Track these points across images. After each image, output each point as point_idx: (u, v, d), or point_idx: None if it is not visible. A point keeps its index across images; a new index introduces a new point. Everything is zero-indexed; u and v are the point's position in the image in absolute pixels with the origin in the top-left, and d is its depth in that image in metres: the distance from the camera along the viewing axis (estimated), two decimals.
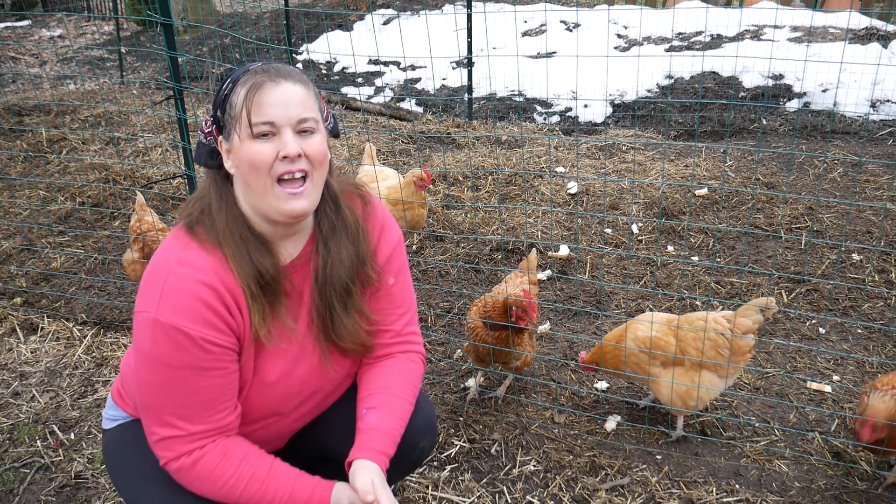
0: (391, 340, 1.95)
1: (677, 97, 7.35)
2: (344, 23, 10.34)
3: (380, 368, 1.93)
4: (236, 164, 1.64)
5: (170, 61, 3.59)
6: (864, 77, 6.78)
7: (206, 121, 1.72)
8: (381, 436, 1.79)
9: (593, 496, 2.59)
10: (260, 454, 1.71)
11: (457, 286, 4.11)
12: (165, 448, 1.64)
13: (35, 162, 5.81)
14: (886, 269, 4.08)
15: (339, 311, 1.79)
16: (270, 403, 1.79)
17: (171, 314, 1.55)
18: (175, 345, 1.56)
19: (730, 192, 5.06)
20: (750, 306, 2.73)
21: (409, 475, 2.52)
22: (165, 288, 1.57)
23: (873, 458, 2.67)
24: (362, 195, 1.92)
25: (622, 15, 9.64)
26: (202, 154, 1.72)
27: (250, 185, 1.63)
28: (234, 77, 1.64)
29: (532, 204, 5.12)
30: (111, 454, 1.92)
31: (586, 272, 4.25)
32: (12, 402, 3.18)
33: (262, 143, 1.59)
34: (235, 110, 1.61)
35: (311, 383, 1.84)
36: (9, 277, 4.18)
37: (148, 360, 1.60)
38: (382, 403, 1.84)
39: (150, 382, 1.62)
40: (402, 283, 1.96)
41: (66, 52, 10.61)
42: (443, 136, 6.52)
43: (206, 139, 1.71)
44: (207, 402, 1.63)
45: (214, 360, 1.61)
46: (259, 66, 1.64)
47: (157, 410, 1.63)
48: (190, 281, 1.58)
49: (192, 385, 1.60)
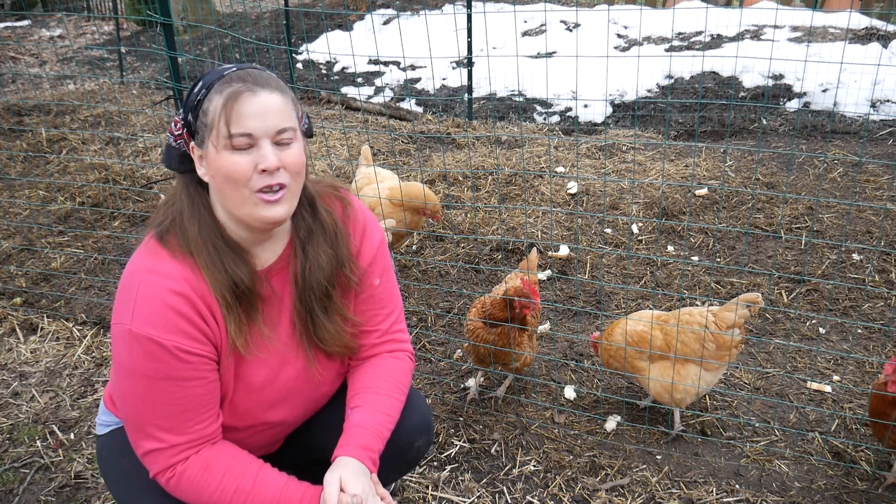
0: (377, 340, 1.93)
1: (677, 97, 7.36)
2: (344, 23, 10.34)
3: (364, 368, 1.92)
4: (211, 173, 1.59)
5: (170, 61, 3.59)
6: (864, 77, 6.78)
7: (174, 122, 1.65)
8: (363, 431, 1.77)
9: (593, 496, 2.59)
10: (245, 463, 1.69)
11: (457, 286, 4.11)
12: (151, 461, 1.64)
13: (35, 162, 5.81)
14: (886, 269, 4.08)
15: (320, 315, 1.77)
16: (258, 410, 1.77)
17: (144, 324, 1.53)
18: (150, 356, 1.54)
19: (730, 192, 5.06)
20: (735, 302, 2.75)
21: (406, 475, 2.52)
22: (137, 298, 1.55)
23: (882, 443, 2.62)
24: (341, 197, 1.88)
25: (622, 15, 9.64)
26: (172, 158, 1.67)
27: (226, 195, 1.59)
28: (207, 82, 1.58)
29: (532, 204, 5.12)
30: (105, 459, 1.90)
31: (586, 272, 4.25)
32: (12, 402, 3.18)
33: (240, 156, 1.54)
34: (210, 118, 1.55)
35: (298, 388, 1.82)
36: (9, 277, 4.18)
37: (126, 372, 1.58)
38: (366, 401, 1.83)
39: (129, 394, 1.60)
40: (387, 282, 1.94)
41: (65, 52, 10.61)
42: (443, 136, 6.52)
43: (177, 143, 1.65)
44: (188, 413, 1.61)
45: (192, 370, 1.59)
46: (234, 72, 1.57)
47: (139, 422, 1.61)
48: (161, 290, 1.55)
49: (171, 396, 1.58)
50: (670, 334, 2.75)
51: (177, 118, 1.65)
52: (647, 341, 2.77)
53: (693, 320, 2.74)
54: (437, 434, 2.91)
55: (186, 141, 1.64)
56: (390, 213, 3.80)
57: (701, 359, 2.72)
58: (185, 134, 1.63)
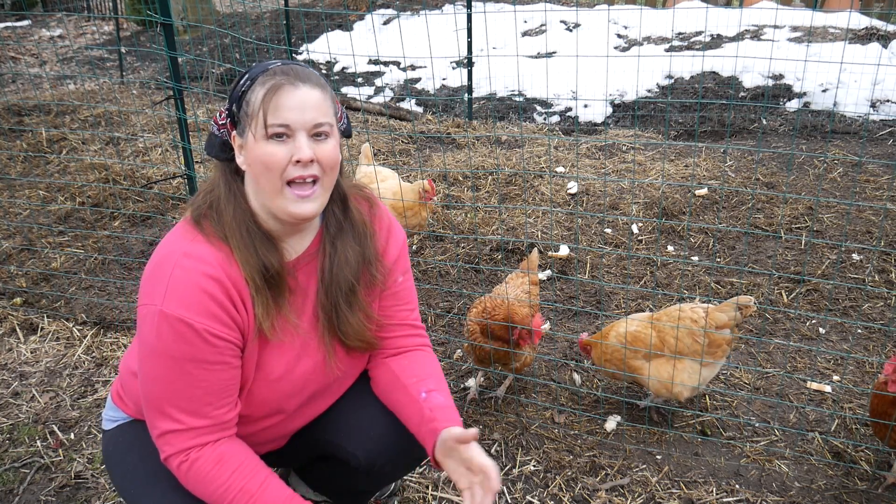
0: (405, 333, 2.00)
1: (677, 97, 7.36)
2: (344, 23, 10.34)
3: (416, 356, 1.98)
4: (249, 161, 1.65)
5: (170, 61, 3.59)
6: (864, 77, 6.78)
7: (220, 112, 1.73)
8: (453, 411, 1.82)
9: (593, 496, 2.59)
10: (255, 467, 1.70)
11: (457, 286, 4.11)
12: (166, 442, 1.65)
13: (35, 162, 5.81)
14: (886, 269, 4.08)
15: (344, 310, 1.81)
16: (273, 401, 1.80)
17: (177, 306, 1.56)
18: (179, 337, 1.57)
19: (730, 192, 5.06)
20: (728, 303, 2.81)
21: (411, 472, 2.51)
22: (171, 280, 1.58)
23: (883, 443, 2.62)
24: (367, 197, 1.94)
25: (622, 15, 9.65)
26: (214, 145, 1.73)
27: (261, 184, 1.64)
28: (253, 74, 1.64)
29: (532, 204, 5.12)
30: (111, 455, 1.92)
31: (586, 272, 4.25)
32: (12, 402, 3.18)
33: (276, 145, 1.60)
34: (252, 108, 1.61)
35: (314, 381, 1.85)
36: (9, 277, 4.18)
37: (152, 352, 1.60)
38: (439, 385, 1.89)
39: (153, 375, 1.62)
40: (408, 281, 2.02)
41: (66, 52, 10.61)
42: (443, 136, 6.52)
43: (220, 131, 1.72)
44: (209, 396, 1.64)
45: (218, 354, 1.61)
46: (278, 66, 1.63)
47: (160, 403, 1.63)
48: (196, 274, 1.59)
49: (195, 378, 1.61)
50: (664, 331, 2.80)
51: (222, 109, 1.72)
52: (641, 341, 2.80)
53: (685, 316, 2.79)
54: None
55: (229, 130, 1.70)
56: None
57: (701, 359, 2.73)
58: (229, 124, 1.70)
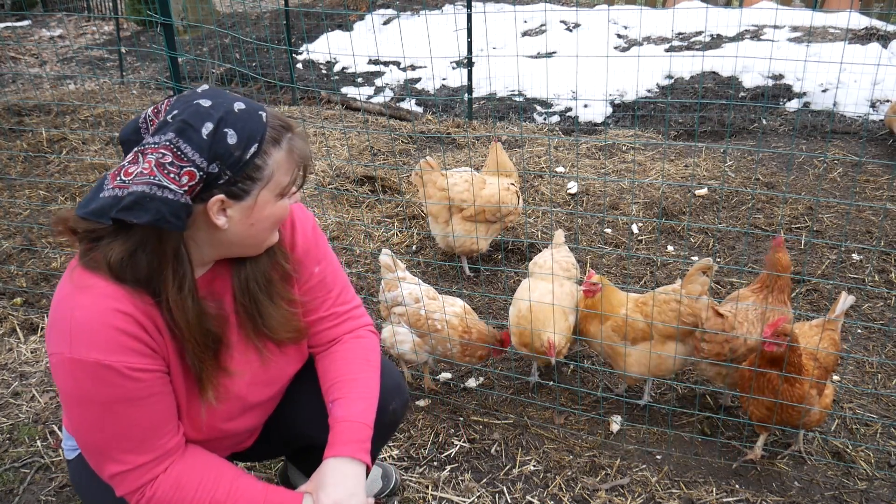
0: (334, 323, 1.94)
1: (677, 97, 7.36)
2: (344, 23, 10.34)
3: (332, 357, 1.92)
4: (250, 221, 1.55)
5: (170, 61, 3.59)
6: (864, 77, 6.79)
7: (176, 174, 1.42)
8: (349, 425, 1.76)
9: (593, 496, 2.59)
10: (218, 477, 1.64)
11: (457, 286, 4.11)
12: (118, 484, 1.57)
13: (35, 162, 5.81)
14: (886, 269, 4.09)
15: (265, 303, 1.74)
16: (217, 422, 1.74)
17: (88, 349, 1.43)
18: (99, 381, 1.45)
19: (730, 192, 5.06)
20: (692, 273, 2.88)
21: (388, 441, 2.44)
22: (74, 323, 1.44)
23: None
24: None
25: (622, 15, 9.65)
26: (161, 213, 1.41)
27: (254, 236, 1.60)
28: (253, 136, 1.48)
29: (532, 204, 5.12)
30: (79, 483, 1.86)
31: (586, 272, 4.24)
32: (12, 402, 3.18)
33: (286, 198, 1.60)
34: (270, 171, 1.52)
35: (259, 383, 1.81)
36: (9, 277, 4.18)
37: (78, 402, 1.49)
38: (343, 391, 1.83)
39: (85, 424, 1.52)
40: (328, 266, 1.93)
41: (66, 52, 10.61)
42: (443, 136, 6.52)
43: (183, 199, 1.43)
44: (148, 431, 1.55)
45: (146, 388, 1.52)
46: (275, 121, 1.54)
47: (99, 449, 1.55)
48: (98, 310, 1.45)
49: (129, 418, 1.51)
50: (650, 315, 2.87)
51: (175, 170, 1.42)
52: (631, 325, 2.88)
53: (670, 298, 2.87)
54: (438, 434, 2.91)
55: (200, 194, 1.47)
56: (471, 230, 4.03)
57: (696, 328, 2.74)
58: (200, 188, 1.46)
